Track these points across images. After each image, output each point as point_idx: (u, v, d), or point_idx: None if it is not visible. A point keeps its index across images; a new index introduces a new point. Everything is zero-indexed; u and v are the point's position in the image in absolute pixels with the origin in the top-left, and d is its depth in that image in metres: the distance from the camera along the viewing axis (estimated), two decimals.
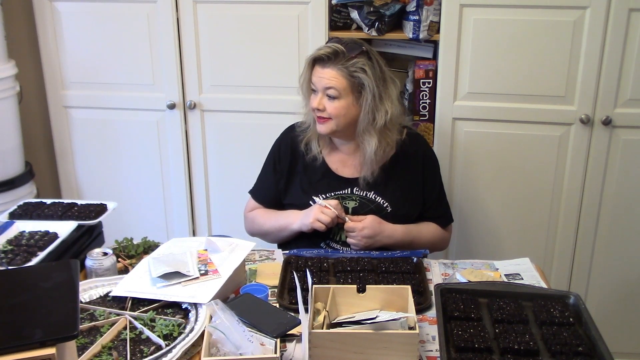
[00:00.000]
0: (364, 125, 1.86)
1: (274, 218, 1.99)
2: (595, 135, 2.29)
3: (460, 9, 2.23)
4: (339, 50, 1.82)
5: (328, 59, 1.82)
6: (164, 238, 1.89)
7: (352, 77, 1.82)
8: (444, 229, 2.03)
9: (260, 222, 2.02)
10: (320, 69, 1.84)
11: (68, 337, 1.03)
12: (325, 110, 1.85)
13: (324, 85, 1.83)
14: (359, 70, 1.81)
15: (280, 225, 1.96)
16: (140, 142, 2.63)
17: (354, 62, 1.81)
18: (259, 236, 2.05)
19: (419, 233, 1.95)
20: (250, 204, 2.07)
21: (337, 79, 1.82)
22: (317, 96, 1.86)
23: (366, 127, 1.86)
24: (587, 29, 2.18)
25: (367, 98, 1.83)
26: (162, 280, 1.53)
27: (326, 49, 1.83)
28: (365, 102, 1.84)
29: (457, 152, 2.40)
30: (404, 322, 1.34)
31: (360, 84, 1.82)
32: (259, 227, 2.02)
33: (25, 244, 1.64)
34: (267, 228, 2.00)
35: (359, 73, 1.81)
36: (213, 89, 2.51)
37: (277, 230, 1.97)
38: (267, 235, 2.03)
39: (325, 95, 1.84)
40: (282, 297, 1.57)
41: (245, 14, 2.39)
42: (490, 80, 2.29)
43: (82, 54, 2.54)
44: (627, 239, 2.39)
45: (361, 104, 1.85)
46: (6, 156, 2.51)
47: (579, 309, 1.38)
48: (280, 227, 1.96)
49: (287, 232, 1.95)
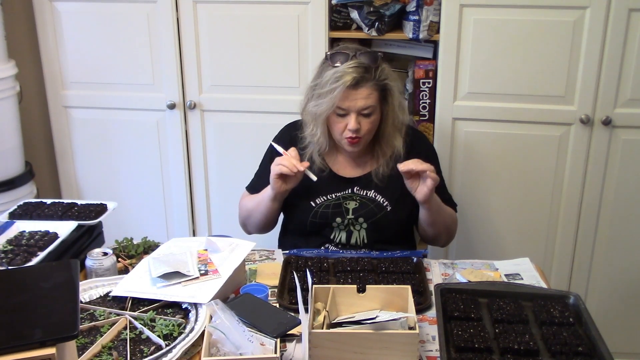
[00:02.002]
0: (390, 128, 1.83)
1: (255, 197, 1.97)
2: (595, 135, 2.29)
3: (460, 9, 2.23)
4: (366, 66, 1.74)
5: (362, 79, 1.74)
6: (164, 238, 1.89)
7: (381, 86, 1.78)
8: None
9: (244, 204, 2.00)
10: (353, 92, 1.73)
11: (68, 337, 1.03)
12: (360, 130, 1.78)
13: (360, 107, 1.75)
14: (386, 77, 1.78)
15: (258, 200, 1.93)
16: (140, 142, 2.63)
17: (381, 70, 1.78)
18: (247, 222, 2.01)
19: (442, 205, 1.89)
20: (241, 196, 2.06)
21: (372, 94, 1.76)
22: (350, 119, 1.76)
23: (392, 128, 1.84)
24: (587, 29, 2.18)
25: (394, 101, 1.81)
26: (162, 280, 1.53)
27: (355, 70, 1.72)
28: (393, 105, 1.82)
29: (457, 152, 2.40)
30: (404, 322, 1.34)
31: (388, 89, 1.80)
32: (244, 208, 2.00)
33: (25, 244, 1.64)
34: (250, 206, 1.97)
35: (387, 80, 1.78)
36: (213, 89, 2.51)
37: (256, 205, 1.93)
38: (250, 217, 1.98)
39: (359, 115, 1.77)
40: (282, 297, 1.57)
41: (245, 14, 2.39)
42: (490, 80, 2.29)
43: (82, 54, 2.54)
44: (627, 239, 2.39)
45: (386, 108, 1.82)
46: (6, 156, 2.51)
47: (579, 309, 1.38)
48: (258, 201, 1.93)
49: (264, 203, 1.90)
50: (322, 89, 1.77)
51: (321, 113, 1.79)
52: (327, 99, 1.75)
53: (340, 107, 1.76)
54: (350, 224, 1.91)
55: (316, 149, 1.90)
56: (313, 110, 1.81)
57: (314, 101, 1.81)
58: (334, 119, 1.81)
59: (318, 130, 1.84)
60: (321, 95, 1.77)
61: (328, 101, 1.75)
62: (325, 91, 1.75)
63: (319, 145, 1.88)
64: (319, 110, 1.79)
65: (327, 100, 1.75)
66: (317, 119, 1.82)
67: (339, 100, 1.75)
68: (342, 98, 1.74)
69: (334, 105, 1.76)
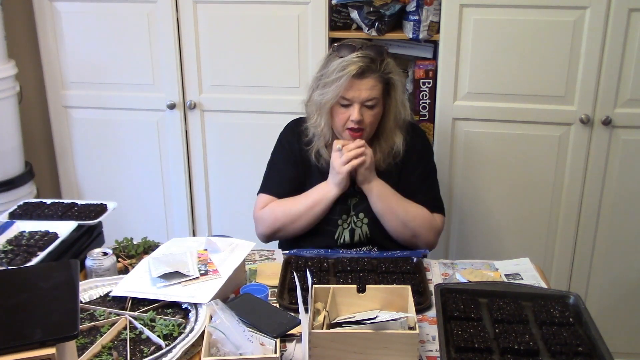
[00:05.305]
0: (392, 123, 1.83)
1: (299, 199, 1.88)
2: (595, 135, 2.29)
3: (460, 9, 2.23)
4: (371, 57, 1.75)
5: (367, 69, 1.74)
6: (164, 238, 1.89)
7: (385, 79, 1.79)
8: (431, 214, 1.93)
9: (284, 209, 1.88)
10: (358, 81, 1.74)
11: (68, 337, 1.03)
12: (363, 121, 1.78)
13: (364, 98, 1.76)
14: (391, 71, 1.78)
15: (314, 200, 1.85)
16: (140, 142, 2.63)
17: (386, 63, 1.78)
18: (281, 228, 1.90)
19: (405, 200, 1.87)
20: (261, 201, 1.94)
21: (376, 86, 1.77)
22: (353, 109, 1.77)
23: (394, 124, 1.84)
24: (587, 29, 2.18)
25: (397, 96, 1.81)
26: (162, 280, 1.53)
27: (361, 60, 1.73)
28: (395, 100, 1.82)
29: (457, 152, 2.40)
30: (404, 322, 1.34)
31: (392, 84, 1.80)
32: (284, 214, 1.88)
33: (25, 244, 1.64)
34: (295, 211, 1.87)
35: (391, 75, 1.78)
36: (213, 89, 2.51)
37: (310, 207, 1.86)
38: (295, 221, 1.87)
39: (362, 106, 1.77)
40: (282, 297, 1.57)
41: (245, 14, 2.39)
42: (490, 80, 2.29)
43: (82, 54, 2.54)
44: (627, 239, 2.39)
45: (389, 103, 1.82)
46: (6, 156, 2.51)
47: (579, 309, 1.38)
48: (313, 202, 1.85)
49: (323, 204, 1.85)
50: (327, 78, 1.78)
51: (326, 102, 1.79)
52: (332, 87, 1.77)
53: (344, 97, 1.77)
54: (352, 222, 1.91)
55: (322, 142, 1.90)
56: (318, 99, 1.82)
57: (319, 90, 1.82)
58: (338, 109, 1.81)
59: (322, 120, 1.85)
60: (327, 84, 1.78)
61: (333, 90, 1.76)
62: (331, 80, 1.77)
63: (322, 136, 1.88)
64: (324, 100, 1.79)
65: (332, 89, 1.77)
66: (322, 109, 1.83)
67: (344, 90, 1.76)
68: (346, 87, 1.75)
69: (339, 95, 1.77)
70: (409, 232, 1.87)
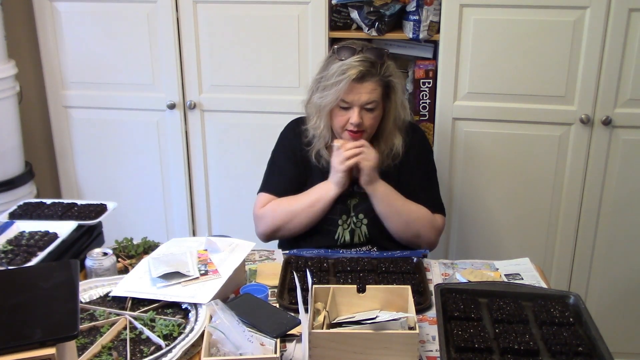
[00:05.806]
0: (391, 125, 1.83)
1: (299, 198, 1.89)
2: (595, 135, 2.29)
3: (460, 9, 2.23)
4: (372, 61, 1.75)
5: (367, 73, 1.75)
6: (164, 238, 1.89)
7: (385, 82, 1.79)
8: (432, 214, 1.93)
9: (284, 207, 1.89)
10: (358, 85, 1.75)
11: (68, 337, 1.03)
12: (362, 124, 1.79)
13: (364, 101, 1.76)
14: (391, 74, 1.79)
15: (314, 198, 1.86)
16: (140, 142, 2.63)
17: (386, 67, 1.78)
18: (281, 226, 1.90)
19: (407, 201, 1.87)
20: (261, 200, 1.94)
21: (376, 89, 1.77)
22: (353, 112, 1.77)
23: (393, 126, 1.84)
24: (587, 29, 2.18)
25: (397, 98, 1.81)
26: (162, 280, 1.53)
27: (361, 64, 1.74)
28: (395, 102, 1.82)
29: (457, 152, 2.40)
30: (404, 322, 1.34)
31: (392, 86, 1.81)
32: (284, 212, 1.88)
33: (25, 244, 1.64)
34: (295, 209, 1.87)
35: (391, 77, 1.79)
36: (213, 89, 2.51)
37: (309, 206, 1.86)
38: (295, 220, 1.88)
39: (362, 109, 1.78)
40: (282, 297, 1.57)
41: (245, 14, 2.39)
42: (490, 80, 2.29)
43: (82, 54, 2.54)
44: (627, 239, 2.39)
45: (388, 105, 1.83)
46: (6, 156, 2.51)
47: (579, 309, 1.38)
48: (313, 200, 1.86)
49: (323, 202, 1.85)
50: (327, 81, 1.79)
51: (325, 105, 1.80)
52: (332, 91, 1.77)
53: (344, 100, 1.78)
54: (352, 223, 1.91)
55: (322, 143, 1.90)
56: (317, 102, 1.82)
57: (319, 93, 1.82)
58: (337, 112, 1.82)
59: (321, 122, 1.85)
60: (326, 87, 1.79)
61: (333, 93, 1.77)
62: (331, 83, 1.77)
63: (322, 137, 1.89)
64: (324, 102, 1.80)
65: (332, 92, 1.77)
66: (321, 111, 1.83)
67: (344, 94, 1.76)
68: (346, 91, 1.76)
69: (339, 98, 1.77)
70: (412, 233, 1.88)
